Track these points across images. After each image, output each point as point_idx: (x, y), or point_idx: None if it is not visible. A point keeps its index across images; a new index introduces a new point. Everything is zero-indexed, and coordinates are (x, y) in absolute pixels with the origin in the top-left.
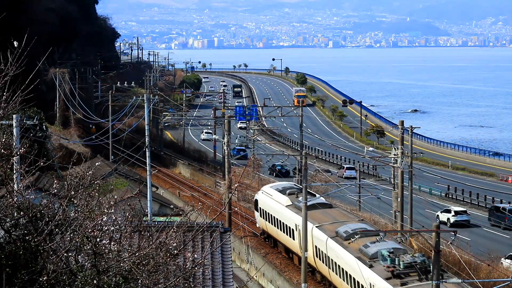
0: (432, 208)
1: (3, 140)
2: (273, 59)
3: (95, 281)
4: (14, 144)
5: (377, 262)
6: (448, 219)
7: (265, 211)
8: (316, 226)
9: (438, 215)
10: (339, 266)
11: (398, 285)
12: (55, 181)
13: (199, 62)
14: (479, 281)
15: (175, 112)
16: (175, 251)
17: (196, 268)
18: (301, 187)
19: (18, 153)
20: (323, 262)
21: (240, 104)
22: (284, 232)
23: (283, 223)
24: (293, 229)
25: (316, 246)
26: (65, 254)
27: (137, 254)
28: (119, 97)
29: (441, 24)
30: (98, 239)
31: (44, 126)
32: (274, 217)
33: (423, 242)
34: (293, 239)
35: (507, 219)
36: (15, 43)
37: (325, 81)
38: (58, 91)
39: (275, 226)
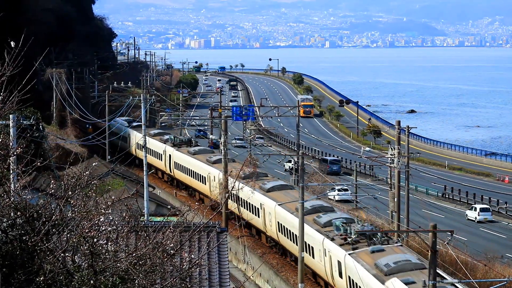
0: (429, 208)
1: (0, 140)
2: (270, 59)
3: (92, 281)
4: (11, 144)
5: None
6: (287, 167)
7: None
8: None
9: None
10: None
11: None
12: (52, 181)
13: (196, 62)
14: (475, 281)
15: (172, 112)
16: (172, 251)
17: (192, 268)
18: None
19: (15, 153)
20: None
21: (236, 96)
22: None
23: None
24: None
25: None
26: (62, 254)
27: (134, 254)
28: (116, 97)
29: (438, 24)
30: (95, 239)
31: (41, 126)
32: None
33: (420, 242)
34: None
35: (328, 167)
36: (12, 43)
37: (321, 81)
38: (55, 91)
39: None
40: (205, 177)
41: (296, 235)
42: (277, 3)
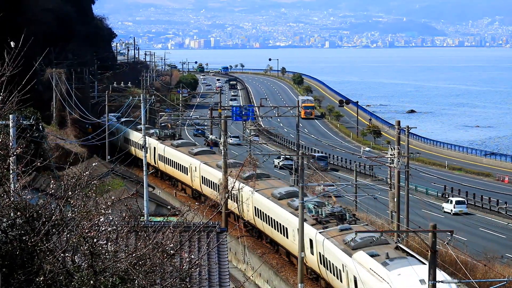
0: (429, 208)
1: (0, 140)
2: (270, 59)
3: (91, 282)
4: (10, 144)
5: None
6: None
7: None
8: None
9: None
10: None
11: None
12: (52, 181)
13: (196, 62)
14: (475, 281)
15: (171, 112)
16: (172, 252)
17: (192, 269)
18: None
19: (15, 153)
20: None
21: (235, 95)
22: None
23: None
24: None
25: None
26: (62, 254)
27: (133, 254)
28: (116, 97)
29: (438, 24)
30: (95, 240)
31: (40, 126)
32: None
33: (419, 242)
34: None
35: (316, 163)
36: (12, 43)
37: (321, 81)
38: (55, 91)
39: None
40: (187, 168)
41: (271, 218)
42: (277, 3)
